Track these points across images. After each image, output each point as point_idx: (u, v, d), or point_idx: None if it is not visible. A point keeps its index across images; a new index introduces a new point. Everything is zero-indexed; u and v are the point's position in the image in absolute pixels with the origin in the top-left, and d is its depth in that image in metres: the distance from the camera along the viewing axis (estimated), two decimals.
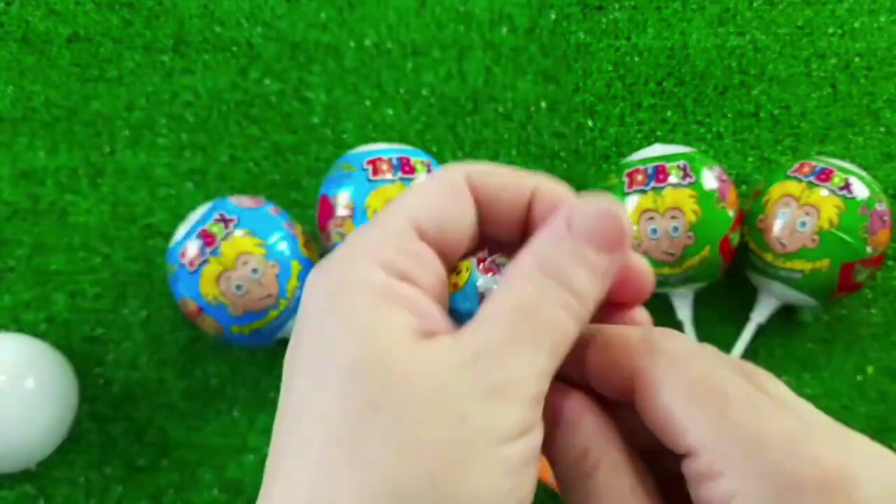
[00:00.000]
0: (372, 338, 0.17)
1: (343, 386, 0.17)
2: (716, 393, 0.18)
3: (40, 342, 0.49)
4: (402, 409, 0.17)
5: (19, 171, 0.54)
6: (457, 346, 0.18)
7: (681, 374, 0.18)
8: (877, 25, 0.60)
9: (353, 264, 0.18)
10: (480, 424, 0.17)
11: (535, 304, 0.18)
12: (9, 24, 0.58)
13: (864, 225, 0.45)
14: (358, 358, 0.17)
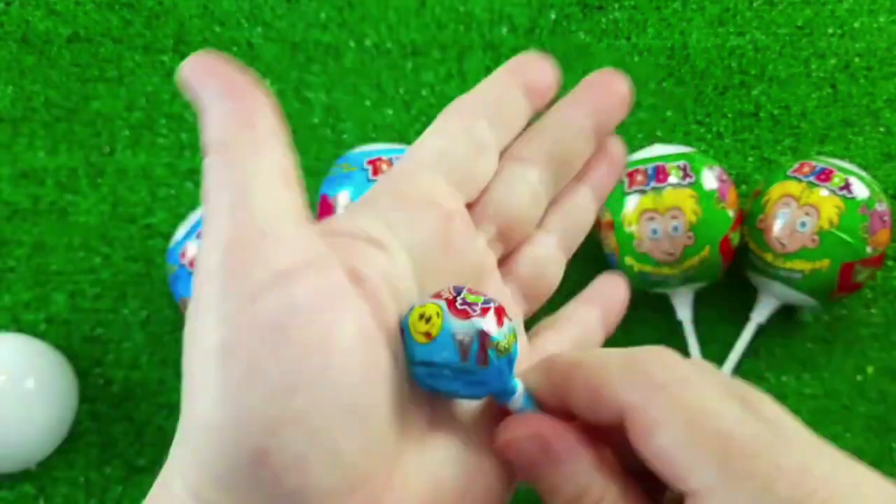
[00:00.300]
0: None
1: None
2: (715, 433, 0.17)
3: (40, 342, 0.49)
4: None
5: (19, 171, 0.54)
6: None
7: (674, 413, 0.17)
8: (877, 25, 0.60)
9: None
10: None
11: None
12: (9, 24, 0.58)
13: (865, 225, 0.45)
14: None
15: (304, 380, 0.16)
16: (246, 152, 0.18)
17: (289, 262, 0.17)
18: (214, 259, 0.17)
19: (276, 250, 0.17)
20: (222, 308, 0.16)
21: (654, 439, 0.17)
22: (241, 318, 0.16)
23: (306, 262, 0.17)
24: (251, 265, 0.16)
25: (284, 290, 0.16)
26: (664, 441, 0.17)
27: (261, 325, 0.16)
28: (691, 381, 0.18)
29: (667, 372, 0.18)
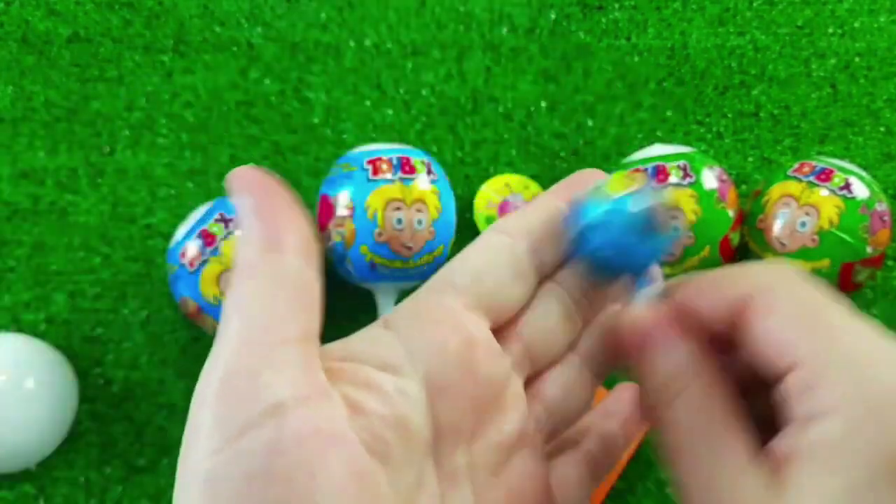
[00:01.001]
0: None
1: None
2: (827, 314, 0.18)
3: (40, 342, 0.49)
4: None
5: (19, 171, 0.54)
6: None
7: (794, 296, 0.19)
8: (877, 25, 0.60)
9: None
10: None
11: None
12: (8, 24, 0.58)
13: (865, 225, 0.45)
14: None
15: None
16: (266, 278, 0.18)
17: (284, 396, 0.17)
18: (212, 388, 0.17)
19: (272, 383, 0.17)
20: (213, 438, 0.16)
21: (764, 321, 0.18)
22: (229, 452, 0.16)
23: (303, 396, 0.17)
24: (245, 397, 0.16)
25: (274, 426, 0.16)
26: (774, 320, 0.18)
27: (247, 461, 0.16)
28: (809, 282, 0.19)
29: (796, 273, 0.19)
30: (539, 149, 0.56)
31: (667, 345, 0.20)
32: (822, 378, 0.17)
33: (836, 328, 0.18)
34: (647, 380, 0.20)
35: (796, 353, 0.18)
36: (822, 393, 0.17)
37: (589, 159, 0.56)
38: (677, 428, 0.19)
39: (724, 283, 0.20)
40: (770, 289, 0.19)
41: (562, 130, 0.57)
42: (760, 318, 0.19)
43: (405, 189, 0.46)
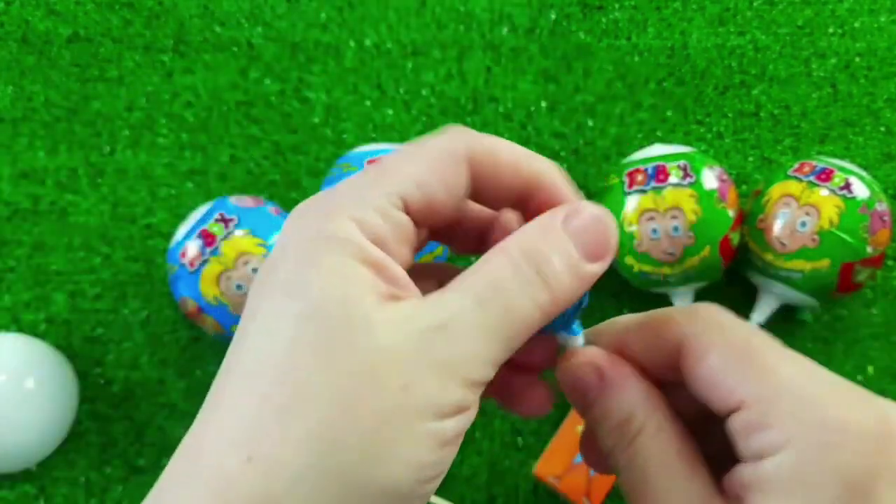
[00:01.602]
0: (339, 293, 0.18)
1: (302, 329, 0.17)
2: (761, 353, 0.19)
3: (40, 342, 0.49)
4: (353, 365, 0.17)
5: (19, 172, 0.54)
6: (419, 314, 0.18)
7: (726, 338, 0.19)
8: (877, 25, 0.60)
9: (332, 218, 0.19)
10: (422, 397, 0.17)
11: (506, 290, 0.18)
12: (9, 24, 0.58)
13: (865, 225, 0.45)
14: (321, 306, 0.17)
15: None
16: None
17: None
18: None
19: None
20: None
21: (706, 358, 0.19)
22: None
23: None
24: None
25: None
26: (715, 360, 0.19)
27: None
28: (743, 323, 0.20)
29: (721, 315, 0.20)
30: (539, 149, 0.56)
31: (623, 384, 0.20)
32: (767, 417, 0.18)
33: (773, 365, 0.19)
34: (604, 421, 0.20)
35: (739, 395, 0.18)
36: (771, 431, 0.18)
37: (589, 159, 0.56)
38: (640, 465, 0.19)
39: (655, 331, 0.21)
40: (701, 333, 0.20)
41: (562, 130, 0.57)
42: (697, 364, 0.19)
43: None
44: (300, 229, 0.19)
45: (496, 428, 0.50)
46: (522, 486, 0.49)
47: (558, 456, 0.46)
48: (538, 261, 0.19)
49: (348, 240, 0.18)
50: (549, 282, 0.19)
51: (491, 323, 0.18)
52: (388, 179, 0.19)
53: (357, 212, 0.19)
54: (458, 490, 0.48)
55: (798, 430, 0.17)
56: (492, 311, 0.18)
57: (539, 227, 0.19)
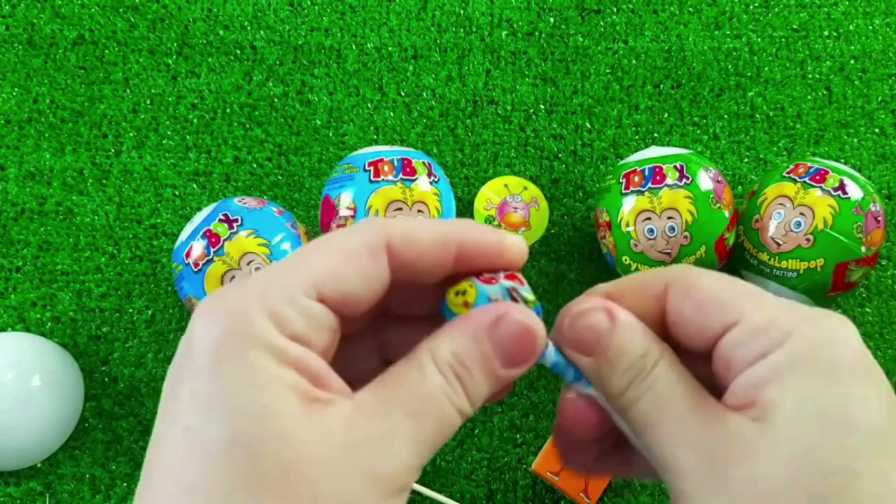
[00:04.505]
0: (263, 410, 0.17)
1: (228, 456, 0.17)
2: (742, 283, 0.21)
3: (46, 341, 0.50)
4: (288, 492, 0.17)
5: (26, 173, 0.55)
6: (351, 426, 0.18)
7: (708, 273, 0.21)
8: (871, 28, 0.60)
9: (246, 316, 0.18)
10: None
11: (437, 404, 0.19)
12: (14, 27, 0.58)
13: (859, 225, 0.46)
14: (243, 428, 0.17)
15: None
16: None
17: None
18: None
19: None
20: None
21: (695, 291, 0.21)
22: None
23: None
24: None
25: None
26: (704, 289, 0.21)
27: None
28: (712, 272, 0.22)
29: (690, 268, 0.22)
30: (538, 150, 0.57)
31: (634, 325, 0.21)
32: (768, 321, 0.19)
33: (755, 289, 0.20)
34: (619, 360, 0.21)
35: (735, 311, 0.20)
36: (773, 330, 0.19)
37: (587, 161, 0.57)
38: (658, 393, 0.20)
39: (640, 285, 0.22)
40: (685, 272, 0.21)
41: (560, 132, 0.57)
42: (686, 295, 0.21)
43: (406, 190, 0.47)
44: (211, 328, 0.18)
45: (495, 424, 0.50)
46: (521, 481, 0.49)
47: (557, 452, 0.46)
48: (462, 374, 0.20)
49: (264, 338, 0.18)
50: (471, 394, 0.20)
51: (423, 435, 0.19)
52: (301, 271, 0.19)
53: (270, 305, 0.18)
54: (457, 486, 0.49)
55: (799, 321, 0.19)
56: (424, 425, 0.19)
57: (468, 335, 0.20)
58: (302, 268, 0.19)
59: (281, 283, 0.19)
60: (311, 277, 0.19)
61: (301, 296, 0.19)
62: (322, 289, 0.19)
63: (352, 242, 0.20)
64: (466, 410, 0.20)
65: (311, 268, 0.19)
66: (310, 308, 0.19)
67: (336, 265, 0.19)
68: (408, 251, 0.20)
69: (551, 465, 0.46)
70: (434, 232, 0.21)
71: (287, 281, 0.19)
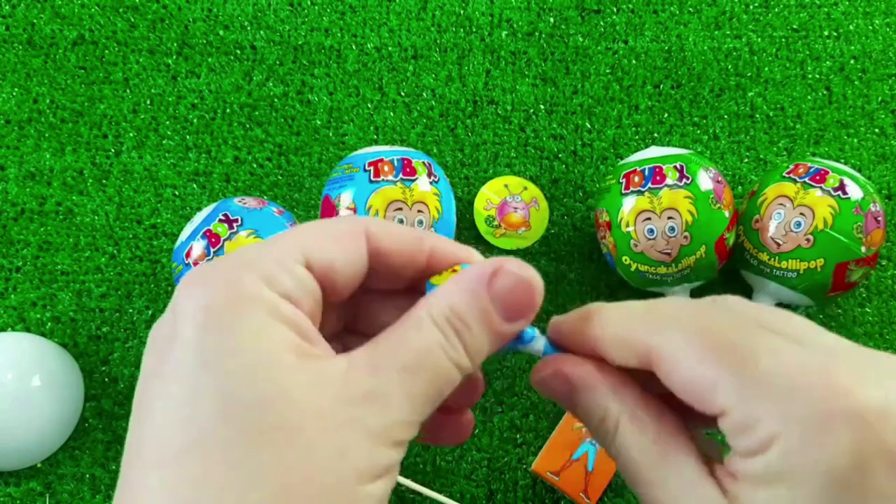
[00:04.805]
0: (258, 363, 0.17)
1: (224, 412, 0.17)
2: (732, 350, 0.18)
3: (46, 341, 0.50)
4: (285, 443, 0.17)
5: (26, 173, 0.55)
6: (347, 380, 0.18)
7: (694, 343, 0.19)
8: (871, 28, 0.60)
9: (238, 277, 0.18)
10: (359, 461, 0.17)
11: (432, 358, 0.19)
12: (14, 27, 0.58)
13: (859, 225, 0.46)
14: (241, 382, 0.17)
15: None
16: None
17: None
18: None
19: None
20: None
21: (677, 370, 0.19)
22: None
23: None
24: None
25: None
26: (686, 369, 0.19)
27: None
28: (709, 312, 0.20)
29: (683, 311, 0.20)
30: (538, 150, 0.57)
31: (589, 384, 0.21)
32: (754, 416, 0.18)
33: (747, 358, 0.18)
34: (586, 421, 0.21)
35: (720, 403, 0.18)
36: (759, 430, 0.17)
37: (587, 161, 0.57)
38: (626, 458, 0.20)
39: (622, 342, 0.21)
40: (666, 343, 0.19)
41: (560, 132, 0.57)
42: (670, 376, 0.19)
43: (406, 190, 0.47)
44: (196, 292, 0.18)
45: (495, 424, 0.50)
46: (521, 481, 0.49)
47: (556, 452, 0.46)
48: (461, 329, 0.19)
49: (260, 297, 0.18)
50: (469, 347, 0.19)
51: (418, 389, 0.19)
52: (288, 241, 0.19)
53: (260, 267, 0.18)
54: (457, 486, 0.49)
55: (783, 427, 0.17)
56: (419, 379, 0.19)
57: (464, 290, 0.20)
58: (289, 239, 0.20)
59: (269, 250, 0.19)
60: (300, 246, 0.19)
61: (290, 260, 0.19)
62: (309, 257, 0.19)
63: (334, 224, 0.21)
64: (465, 365, 0.20)
65: (298, 239, 0.20)
66: (299, 271, 0.19)
67: (321, 239, 0.20)
68: (384, 239, 0.21)
69: (551, 465, 0.46)
70: (409, 230, 0.22)
71: (275, 247, 0.19)
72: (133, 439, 0.18)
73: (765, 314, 0.19)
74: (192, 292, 0.18)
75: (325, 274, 0.20)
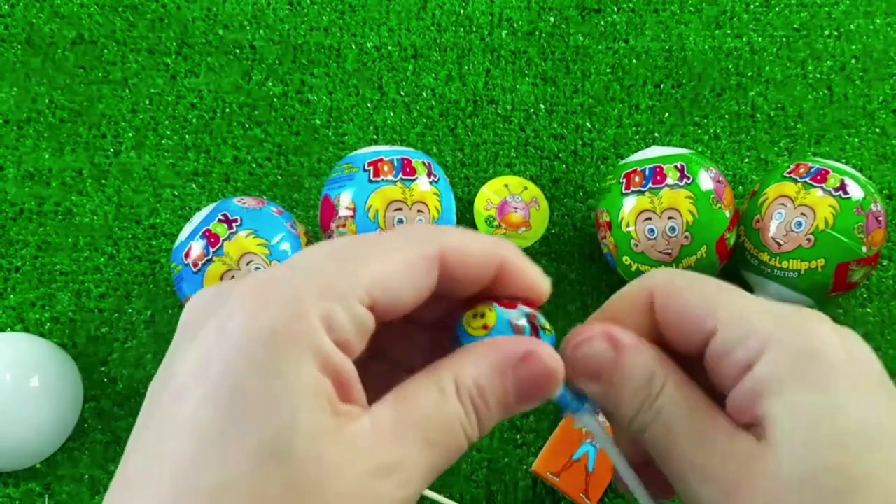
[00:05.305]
0: (295, 420, 0.17)
1: (258, 465, 0.16)
2: (720, 287, 0.21)
3: (45, 341, 0.49)
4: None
5: (24, 172, 0.55)
6: (371, 449, 0.18)
7: (687, 280, 0.22)
8: (872, 27, 0.60)
9: (301, 311, 0.17)
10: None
11: (454, 430, 0.19)
12: (13, 27, 0.58)
13: (860, 225, 0.46)
14: (278, 440, 0.16)
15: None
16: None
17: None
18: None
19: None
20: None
21: (675, 300, 0.21)
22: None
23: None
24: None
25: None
26: (683, 299, 0.21)
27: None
28: (690, 274, 0.22)
29: (677, 271, 0.22)
30: (538, 150, 0.57)
31: (637, 346, 0.21)
32: (743, 330, 0.19)
33: (731, 293, 0.21)
34: (625, 385, 0.21)
35: (712, 320, 0.20)
36: (750, 341, 0.19)
37: (587, 160, 0.57)
38: (668, 418, 0.20)
39: (630, 301, 0.22)
40: (667, 281, 0.22)
41: (560, 132, 0.57)
42: (668, 305, 0.21)
43: (406, 190, 0.47)
44: (259, 315, 0.17)
45: None
46: (521, 482, 0.49)
47: (557, 453, 0.46)
48: (480, 407, 0.20)
49: (314, 340, 0.17)
50: (483, 424, 0.20)
51: (435, 462, 0.19)
52: (360, 272, 0.18)
53: (326, 305, 0.17)
54: (457, 487, 0.49)
55: (775, 327, 0.19)
56: (437, 452, 0.19)
57: (493, 369, 0.20)
58: (360, 270, 0.18)
59: (339, 282, 0.18)
60: (368, 282, 0.18)
61: (356, 301, 0.18)
62: (375, 296, 0.18)
63: (410, 252, 0.19)
64: (475, 440, 0.20)
65: (368, 272, 0.18)
66: (362, 316, 0.18)
67: (393, 273, 0.19)
68: (459, 266, 0.20)
69: (552, 465, 0.46)
70: (483, 249, 0.20)
71: (345, 281, 0.18)
72: (131, 462, 0.17)
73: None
74: (252, 311, 0.17)
75: (388, 310, 0.19)
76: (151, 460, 0.17)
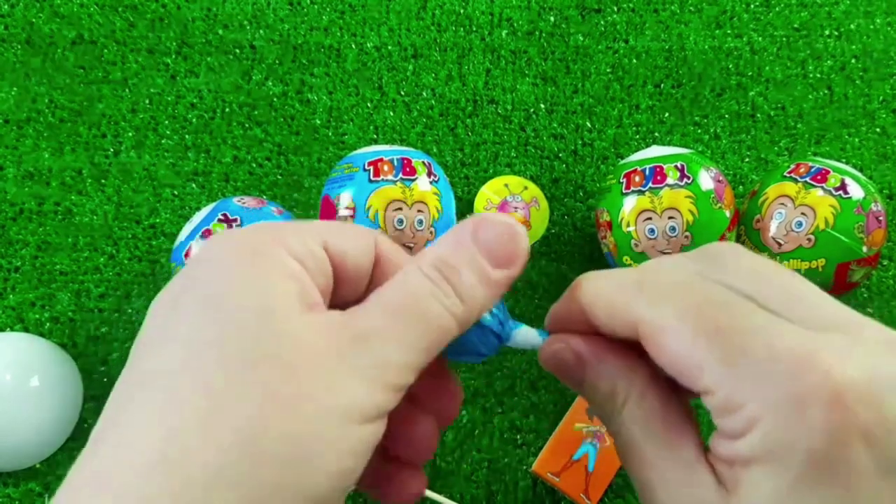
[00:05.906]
0: (263, 303, 0.18)
1: (224, 338, 0.18)
2: (720, 332, 0.18)
3: (45, 341, 0.49)
4: (279, 371, 0.17)
5: (24, 172, 0.55)
6: (340, 322, 0.19)
7: (684, 321, 0.19)
8: (872, 27, 0.60)
9: (260, 240, 0.19)
10: (346, 398, 0.18)
11: (422, 302, 0.20)
12: (13, 27, 0.58)
13: (860, 225, 0.46)
14: (243, 317, 0.18)
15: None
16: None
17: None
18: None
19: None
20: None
21: (664, 346, 0.19)
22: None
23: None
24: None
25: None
26: (673, 346, 0.19)
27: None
28: (694, 285, 0.19)
29: (673, 283, 0.20)
30: (538, 150, 0.57)
31: (600, 359, 0.21)
32: (736, 399, 0.18)
33: (738, 338, 0.18)
34: (593, 396, 0.22)
35: (707, 379, 0.18)
36: (739, 413, 0.18)
37: (587, 160, 0.57)
38: (628, 435, 0.20)
39: (610, 314, 0.21)
40: (656, 317, 0.19)
41: (560, 132, 0.57)
42: (657, 353, 0.19)
43: (406, 190, 0.47)
44: (220, 248, 0.19)
45: (495, 425, 0.50)
46: (521, 482, 0.49)
47: (557, 453, 0.46)
48: (449, 274, 0.20)
49: (276, 256, 0.19)
50: (462, 293, 0.20)
51: (409, 332, 0.19)
52: (310, 224, 0.21)
53: (283, 235, 0.20)
54: (457, 487, 0.49)
55: (764, 409, 0.17)
56: (409, 322, 0.19)
57: (451, 242, 0.21)
58: (310, 223, 0.21)
59: (291, 226, 0.20)
60: (319, 230, 0.21)
61: (310, 239, 0.20)
62: (327, 242, 0.20)
63: (349, 224, 0.23)
64: (459, 312, 0.20)
65: (318, 225, 0.21)
66: (316, 249, 0.20)
67: (338, 230, 0.21)
68: (381, 245, 0.22)
69: (552, 465, 0.46)
70: (360, 232, 0.23)
71: (297, 226, 0.20)
72: (141, 358, 0.19)
73: (763, 286, 0.19)
74: (215, 248, 0.19)
75: (338, 260, 0.21)
76: (168, 334, 0.19)
